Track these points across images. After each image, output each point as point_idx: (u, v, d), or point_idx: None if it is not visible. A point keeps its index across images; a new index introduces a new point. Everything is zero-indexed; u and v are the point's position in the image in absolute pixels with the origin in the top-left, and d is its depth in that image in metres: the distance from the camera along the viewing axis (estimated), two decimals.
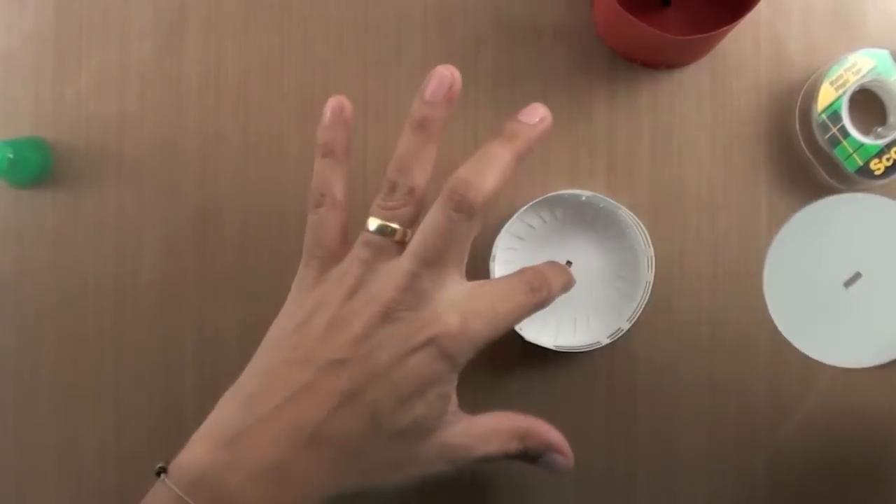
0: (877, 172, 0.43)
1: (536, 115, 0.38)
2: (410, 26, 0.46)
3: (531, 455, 0.39)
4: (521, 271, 0.39)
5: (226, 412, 0.36)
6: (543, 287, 0.38)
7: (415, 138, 0.38)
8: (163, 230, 0.46)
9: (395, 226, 0.37)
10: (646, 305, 0.43)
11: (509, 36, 0.45)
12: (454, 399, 0.38)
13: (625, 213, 0.43)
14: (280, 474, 0.34)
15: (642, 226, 0.43)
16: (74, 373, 0.45)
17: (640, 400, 0.44)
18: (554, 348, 0.42)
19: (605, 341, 0.42)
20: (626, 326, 0.42)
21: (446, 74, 0.38)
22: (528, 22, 0.45)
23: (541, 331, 0.43)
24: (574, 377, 0.44)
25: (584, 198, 0.43)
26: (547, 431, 0.39)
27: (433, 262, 0.36)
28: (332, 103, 0.39)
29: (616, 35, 0.44)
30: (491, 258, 0.42)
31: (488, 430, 0.38)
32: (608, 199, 0.43)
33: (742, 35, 0.45)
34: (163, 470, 0.35)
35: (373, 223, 0.38)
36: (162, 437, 0.45)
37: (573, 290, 0.41)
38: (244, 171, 0.46)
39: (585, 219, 0.44)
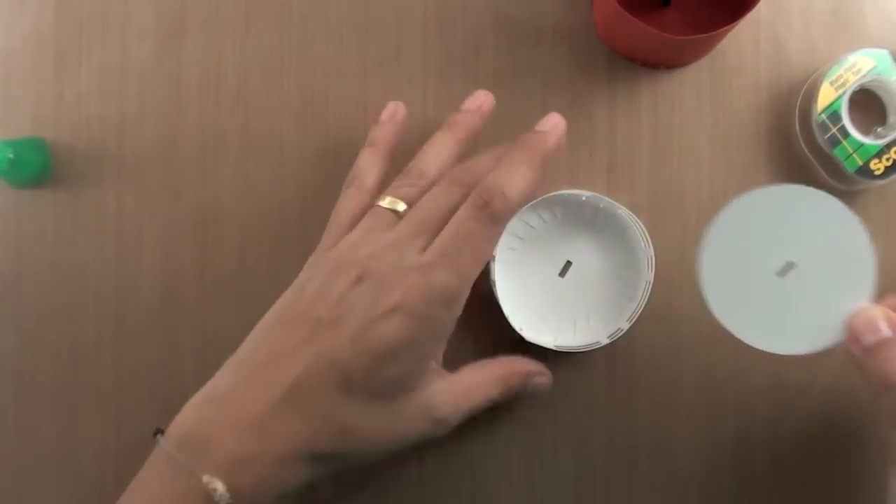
0: (877, 172, 0.43)
1: (550, 121, 0.40)
2: (410, 26, 0.46)
3: (514, 393, 0.41)
4: (466, 202, 0.38)
5: (220, 375, 0.38)
6: (491, 199, 0.37)
7: (440, 134, 0.42)
8: (163, 230, 0.46)
9: (400, 202, 0.39)
10: (646, 305, 0.43)
11: (509, 36, 0.45)
12: (438, 357, 0.39)
13: (625, 213, 0.43)
14: (259, 430, 0.35)
15: (642, 226, 0.43)
16: (74, 373, 0.45)
17: (641, 399, 0.44)
18: (554, 348, 0.42)
19: (605, 341, 0.42)
20: (625, 326, 0.42)
21: (481, 94, 0.43)
22: (528, 22, 0.45)
23: (541, 331, 0.43)
24: (574, 377, 0.44)
25: (584, 198, 0.43)
26: (523, 363, 0.41)
27: (423, 228, 0.37)
28: (388, 106, 0.43)
29: (616, 35, 0.44)
30: (491, 259, 0.42)
31: (471, 382, 0.40)
32: (608, 198, 0.43)
33: (742, 35, 0.45)
34: (160, 431, 0.37)
35: (382, 199, 0.40)
36: None
37: (573, 291, 0.41)
38: (244, 171, 0.46)
39: (585, 219, 0.44)
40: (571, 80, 0.45)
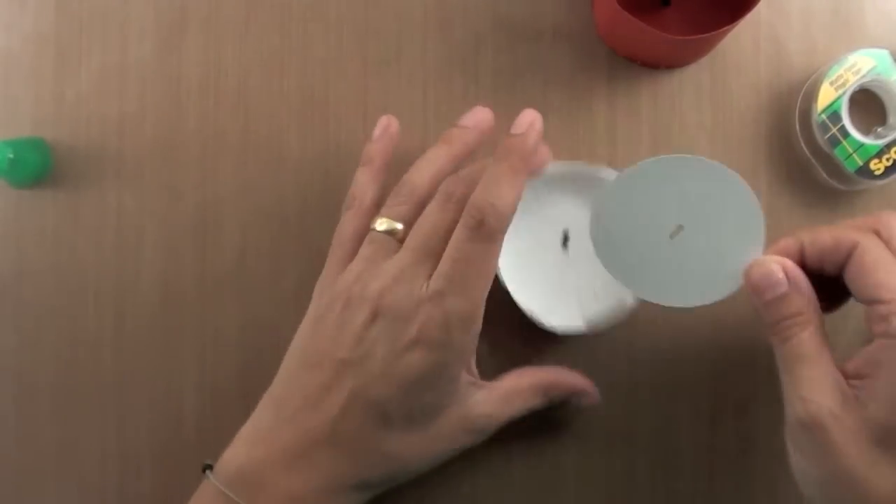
0: (877, 172, 0.43)
1: (524, 121, 0.39)
2: (410, 26, 0.46)
3: (555, 404, 0.41)
4: (460, 223, 0.38)
5: (261, 415, 0.40)
6: (483, 216, 0.37)
7: (434, 149, 0.42)
8: (163, 230, 0.46)
9: (395, 222, 0.39)
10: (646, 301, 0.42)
11: (509, 36, 0.45)
12: (472, 369, 0.40)
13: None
14: (308, 468, 0.37)
15: None
16: (74, 373, 0.45)
17: (641, 395, 0.44)
18: (560, 330, 0.42)
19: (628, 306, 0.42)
20: (633, 303, 0.42)
21: (479, 110, 0.42)
22: (528, 22, 0.45)
23: (549, 311, 0.42)
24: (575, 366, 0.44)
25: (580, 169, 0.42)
26: (567, 378, 0.42)
27: (425, 253, 0.38)
28: (380, 121, 0.43)
29: (616, 35, 0.44)
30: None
31: (509, 392, 0.40)
32: (601, 168, 0.42)
33: (742, 35, 0.45)
34: (209, 467, 0.38)
35: (378, 222, 0.40)
36: (162, 437, 0.45)
37: (578, 267, 0.41)
38: (244, 171, 0.46)
39: (581, 192, 0.43)
40: (571, 79, 0.45)
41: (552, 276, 0.43)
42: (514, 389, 0.40)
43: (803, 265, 0.36)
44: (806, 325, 0.35)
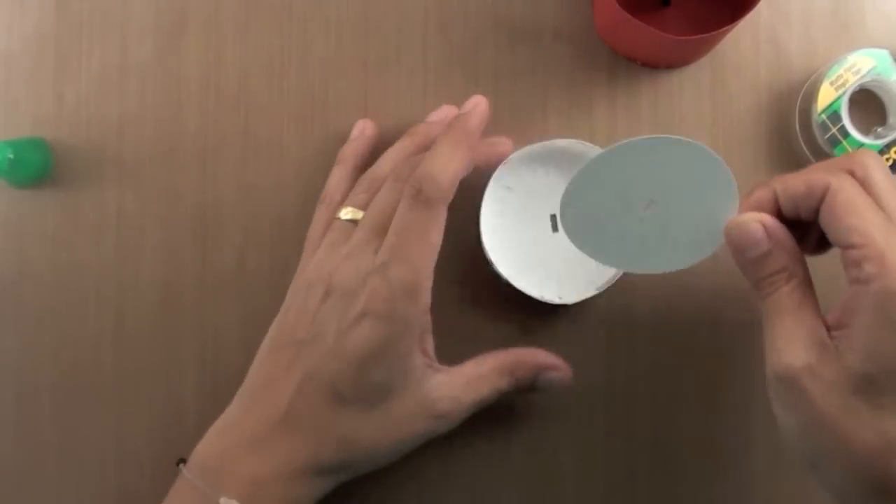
0: None
1: (470, 103, 0.42)
2: (410, 26, 0.46)
3: (525, 384, 0.41)
4: (403, 195, 0.38)
5: (231, 408, 0.40)
6: (422, 185, 0.37)
7: (398, 142, 0.43)
8: (163, 230, 0.46)
9: (357, 210, 0.41)
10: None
11: (509, 36, 0.45)
12: (427, 350, 0.40)
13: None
14: (265, 452, 0.38)
15: None
16: (75, 373, 0.45)
17: (640, 389, 0.44)
18: (540, 299, 0.42)
19: (594, 292, 0.42)
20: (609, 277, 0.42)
21: (444, 108, 0.45)
22: (528, 22, 0.45)
23: (530, 283, 0.42)
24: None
25: (582, 147, 0.42)
26: (533, 355, 0.41)
27: (374, 231, 0.39)
28: (357, 123, 0.45)
29: (616, 35, 0.44)
30: (482, 203, 0.42)
31: (472, 375, 0.40)
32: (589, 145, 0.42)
33: (742, 35, 0.45)
34: (182, 461, 0.39)
35: (341, 211, 0.41)
36: (162, 437, 0.45)
37: (564, 245, 0.40)
38: (244, 171, 0.46)
39: (572, 168, 0.43)
40: (572, 80, 0.45)
41: (541, 254, 0.43)
42: (477, 373, 0.40)
43: (780, 214, 0.35)
44: (789, 279, 0.34)
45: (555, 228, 0.44)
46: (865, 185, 0.33)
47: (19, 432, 0.45)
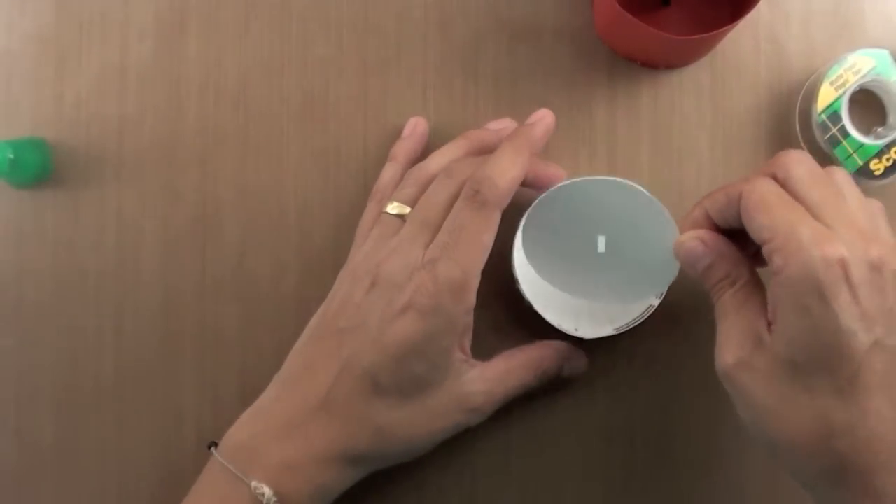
0: (876, 172, 0.43)
1: (536, 115, 0.43)
2: (410, 26, 0.46)
3: (551, 376, 0.42)
4: (461, 194, 0.39)
5: (266, 394, 0.41)
6: (480, 187, 0.38)
7: (453, 142, 0.43)
8: (163, 230, 0.46)
9: (404, 205, 0.41)
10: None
11: (509, 36, 0.46)
12: (465, 348, 0.40)
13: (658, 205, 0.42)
14: (299, 437, 0.38)
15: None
16: (74, 373, 0.45)
17: (641, 394, 0.44)
18: (576, 334, 0.42)
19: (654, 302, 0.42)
20: (656, 303, 0.42)
21: (504, 120, 0.44)
22: (528, 22, 0.45)
23: (563, 315, 0.42)
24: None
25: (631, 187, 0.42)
26: (557, 348, 0.42)
27: (423, 224, 0.39)
28: (410, 121, 0.45)
29: (616, 35, 0.44)
30: (523, 220, 0.42)
31: (503, 369, 0.41)
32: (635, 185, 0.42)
33: (742, 35, 0.45)
34: (213, 444, 0.39)
35: (388, 205, 0.41)
36: (162, 437, 0.45)
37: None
38: (244, 172, 0.46)
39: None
40: (571, 80, 0.45)
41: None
42: (507, 367, 0.41)
43: (719, 227, 0.38)
44: (732, 283, 0.36)
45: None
46: (787, 184, 0.35)
47: (19, 432, 0.45)
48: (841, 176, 0.36)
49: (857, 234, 0.33)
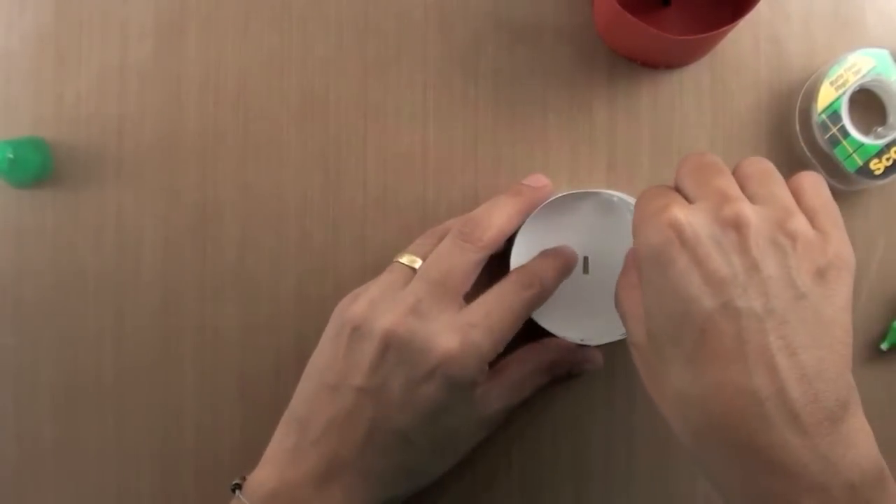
0: (876, 172, 0.43)
1: (540, 181, 0.42)
2: (410, 26, 0.46)
3: (562, 375, 0.43)
4: (511, 273, 0.41)
5: (286, 437, 0.40)
6: (534, 282, 0.40)
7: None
8: (162, 230, 0.46)
9: (417, 259, 0.40)
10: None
11: (509, 36, 0.45)
12: (485, 371, 0.40)
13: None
14: (337, 488, 0.38)
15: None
16: (74, 372, 0.45)
17: (639, 395, 0.44)
18: (580, 342, 0.42)
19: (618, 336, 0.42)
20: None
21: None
22: (528, 22, 0.45)
23: (563, 326, 0.43)
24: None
25: (615, 198, 0.42)
26: (569, 353, 0.42)
27: (437, 282, 0.38)
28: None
29: (616, 35, 0.44)
30: (515, 237, 0.42)
31: (517, 378, 0.41)
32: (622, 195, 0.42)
33: (742, 35, 0.45)
34: (237, 486, 0.38)
35: (402, 256, 0.41)
36: (162, 437, 0.45)
37: (598, 288, 0.42)
38: (244, 171, 0.46)
39: (604, 215, 0.43)
40: (571, 79, 0.45)
41: (569, 294, 0.43)
42: (521, 374, 0.41)
43: None
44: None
45: (585, 270, 0.44)
46: (676, 184, 0.35)
47: (19, 432, 0.45)
48: (808, 177, 0.35)
49: (720, 197, 0.32)
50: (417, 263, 0.40)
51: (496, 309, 0.39)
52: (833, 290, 0.32)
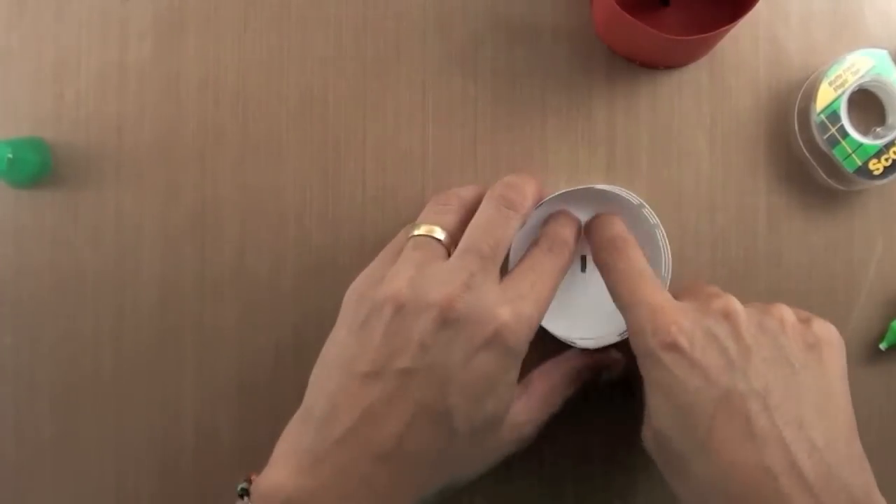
0: (875, 172, 0.43)
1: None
2: (410, 26, 0.46)
3: (587, 384, 0.42)
4: (540, 241, 0.41)
5: (302, 436, 0.36)
6: (563, 248, 0.40)
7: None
8: (162, 230, 0.46)
9: (439, 229, 0.39)
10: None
11: (509, 36, 0.46)
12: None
13: (648, 213, 0.42)
14: (366, 492, 0.35)
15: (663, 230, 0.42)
16: (74, 372, 0.45)
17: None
18: (579, 344, 0.42)
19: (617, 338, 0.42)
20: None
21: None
22: (528, 22, 0.45)
23: (564, 326, 0.43)
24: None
25: (624, 195, 0.42)
26: (595, 361, 0.42)
27: (487, 256, 0.38)
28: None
29: (615, 35, 0.44)
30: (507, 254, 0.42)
31: (545, 392, 0.41)
32: (631, 193, 0.42)
33: (741, 35, 0.45)
34: (245, 492, 0.35)
35: (417, 228, 0.40)
36: (162, 437, 0.45)
37: (596, 286, 0.42)
38: (243, 171, 0.46)
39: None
40: (571, 79, 0.45)
41: (568, 294, 0.43)
42: (550, 389, 0.41)
43: None
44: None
45: (583, 269, 0.44)
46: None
47: (18, 431, 0.45)
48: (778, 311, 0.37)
49: (707, 296, 0.37)
50: (437, 233, 0.39)
51: (539, 279, 0.38)
52: (827, 361, 0.35)
